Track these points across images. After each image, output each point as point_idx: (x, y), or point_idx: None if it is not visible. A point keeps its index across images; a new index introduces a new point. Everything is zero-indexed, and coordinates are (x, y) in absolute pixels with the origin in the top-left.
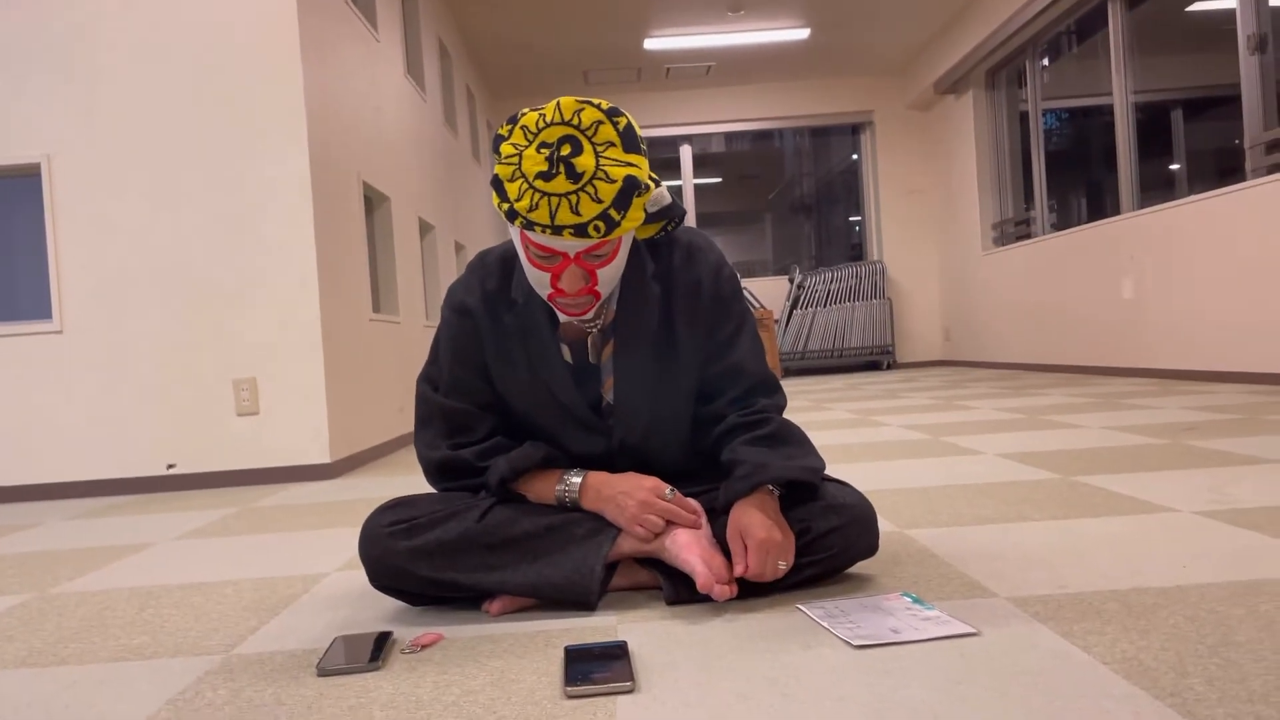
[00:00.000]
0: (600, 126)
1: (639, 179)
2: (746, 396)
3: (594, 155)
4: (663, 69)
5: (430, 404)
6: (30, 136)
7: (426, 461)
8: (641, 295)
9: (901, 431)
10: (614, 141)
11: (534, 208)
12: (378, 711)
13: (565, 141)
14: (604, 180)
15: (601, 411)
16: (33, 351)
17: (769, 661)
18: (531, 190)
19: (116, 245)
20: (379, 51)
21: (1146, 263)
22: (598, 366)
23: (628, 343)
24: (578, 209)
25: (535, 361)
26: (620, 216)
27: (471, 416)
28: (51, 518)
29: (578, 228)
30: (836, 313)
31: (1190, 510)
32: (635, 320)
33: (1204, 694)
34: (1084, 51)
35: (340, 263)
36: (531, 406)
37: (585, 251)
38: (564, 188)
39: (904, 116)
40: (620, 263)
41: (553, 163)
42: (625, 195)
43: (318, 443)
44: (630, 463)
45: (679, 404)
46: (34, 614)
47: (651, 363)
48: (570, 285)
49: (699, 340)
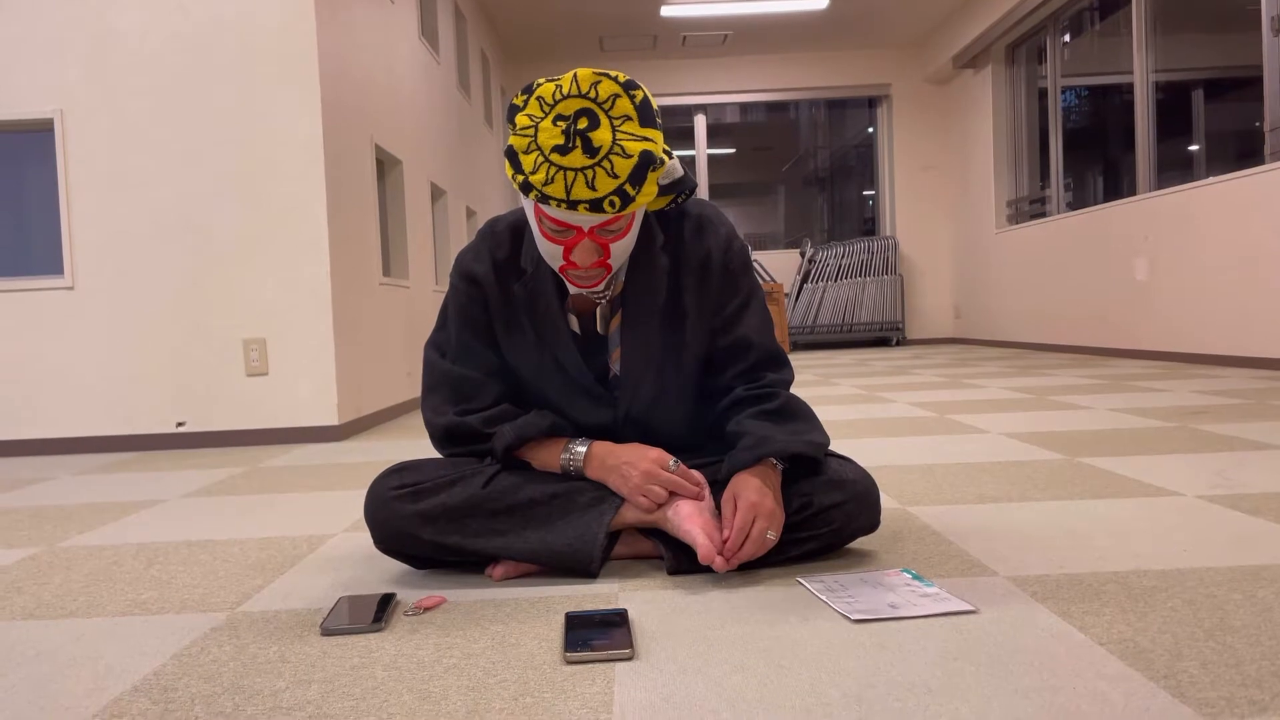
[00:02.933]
0: (617, 100)
1: (654, 154)
2: (753, 370)
3: (611, 129)
4: (679, 37)
5: (437, 370)
6: (43, 91)
7: (433, 427)
8: (651, 267)
9: (908, 409)
10: (630, 115)
11: (549, 181)
12: (380, 671)
13: (582, 115)
14: (620, 155)
15: (608, 382)
16: (44, 307)
17: (767, 633)
18: (547, 164)
19: (128, 202)
20: (392, 13)
21: (1161, 244)
22: (605, 338)
23: (636, 314)
24: (593, 184)
25: (543, 331)
26: (635, 192)
27: (478, 383)
28: (61, 472)
29: (593, 203)
30: (847, 288)
31: (1194, 494)
32: (644, 292)
33: (1198, 677)
34: (1106, 28)
35: (351, 225)
36: (538, 376)
37: (599, 226)
38: (580, 162)
39: (921, 90)
40: (633, 237)
41: (569, 136)
42: (641, 170)
43: (326, 405)
44: (635, 434)
45: (685, 376)
46: (43, 567)
47: (659, 334)
48: (583, 259)
49: (707, 313)
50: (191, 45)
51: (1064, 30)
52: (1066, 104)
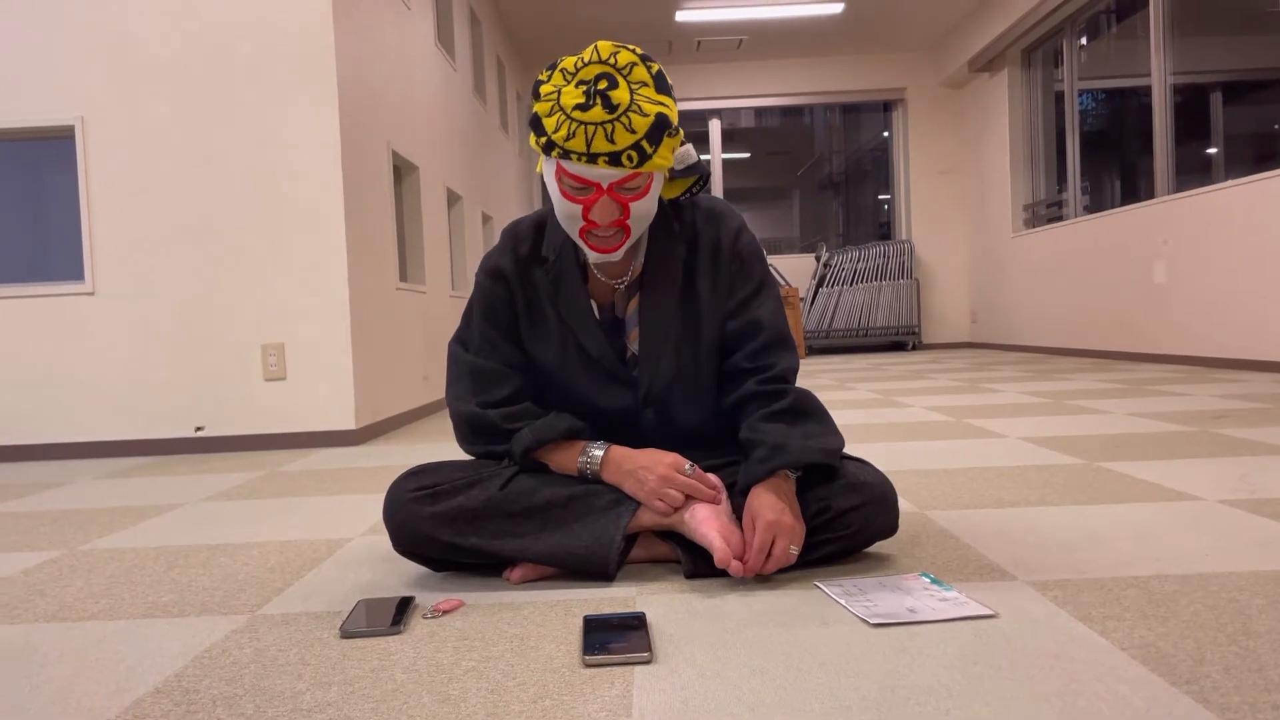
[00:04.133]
0: (635, 67)
1: (669, 118)
2: (763, 351)
3: (629, 91)
4: (694, 41)
5: (460, 362)
6: (64, 98)
7: (457, 415)
8: (666, 250)
9: (924, 413)
10: (647, 82)
11: (571, 136)
12: (399, 674)
13: (602, 78)
14: (638, 113)
15: (627, 363)
16: (65, 312)
17: (785, 637)
18: (569, 120)
19: (148, 208)
20: (409, 19)
21: (1180, 248)
22: (623, 321)
23: (652, 295)
24: (612, 137)
25: (565, 313)
26: (652, 150)
27: (499, 374)
28: (81, 476)
29: (612, 156)
30: (863, 292)
31: (1215, 499)
32: (660, 273)
33: (1220, 682)
34: (1123, 31)
35: (368, 231)
36: (562, 363)
37: (618, 183)
38: (600, 117)
39: (937, 94)
40: (651, 203)
41: (590, 95)
42: (658, 129)
43: (343, 409)
44: (657, 419)
45: (701, 355)
46: (64, 569)
47: (675, 314)
48: (602, 216)
49: (720, 297)
50: (210, 51)
51: (1081, 33)
52: (1083, 107)
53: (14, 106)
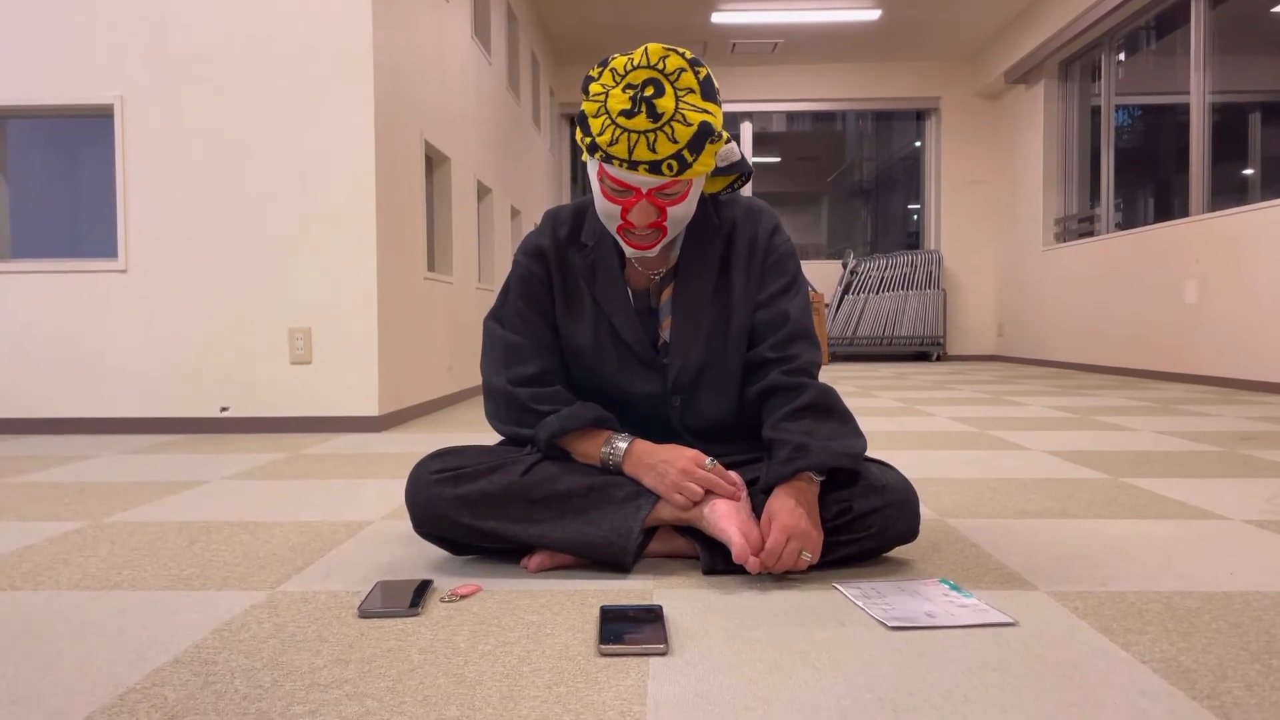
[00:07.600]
0: (683, 74)
1: (713, 126)
2: (788, 342)
3: (674, 99)
4: (729, 44)
5: (494, 336)
6: (105, 78)
7: (489, 386)
8: (704, 244)
9: (948, 423)
10: (694, 89)
11: (614, 142)
12: (415, 655)
13: (649, 84)
14: (681, 123)
15: (658, 350)
16: (97, 289)
17: (802, 635)
18: (614, 126)
19: (182, 189)
20: (448, 10)
21: (1212, 268)
22: (657, 310)
23: (687, 286)
24: (654, 147)
25: (601, 297)
26: (693, 159)
27: (530, 350)
28: (108, 451)
29: (652, 164)
30: (889, 300)
31: (1241, 519)
32: (697, 266)
33: (1242, 699)
34: (1162, 48)
35: (399, 220)
36: (595, 347)
37: (657, 189)
38: (644, 125)
39: (971, 105)
40: (690, 206)
41: (636, 102)
42: (699, 139)
43: (367, 395)
44: (682, 406)
45: (730, 345)
46: (89, 540)
47: (708, 304)
48: (640, 219)
49: (752, 290)
50: (251, 38)
51: (1119, 48)
52: (1120, 123)
53: (56, 84)
